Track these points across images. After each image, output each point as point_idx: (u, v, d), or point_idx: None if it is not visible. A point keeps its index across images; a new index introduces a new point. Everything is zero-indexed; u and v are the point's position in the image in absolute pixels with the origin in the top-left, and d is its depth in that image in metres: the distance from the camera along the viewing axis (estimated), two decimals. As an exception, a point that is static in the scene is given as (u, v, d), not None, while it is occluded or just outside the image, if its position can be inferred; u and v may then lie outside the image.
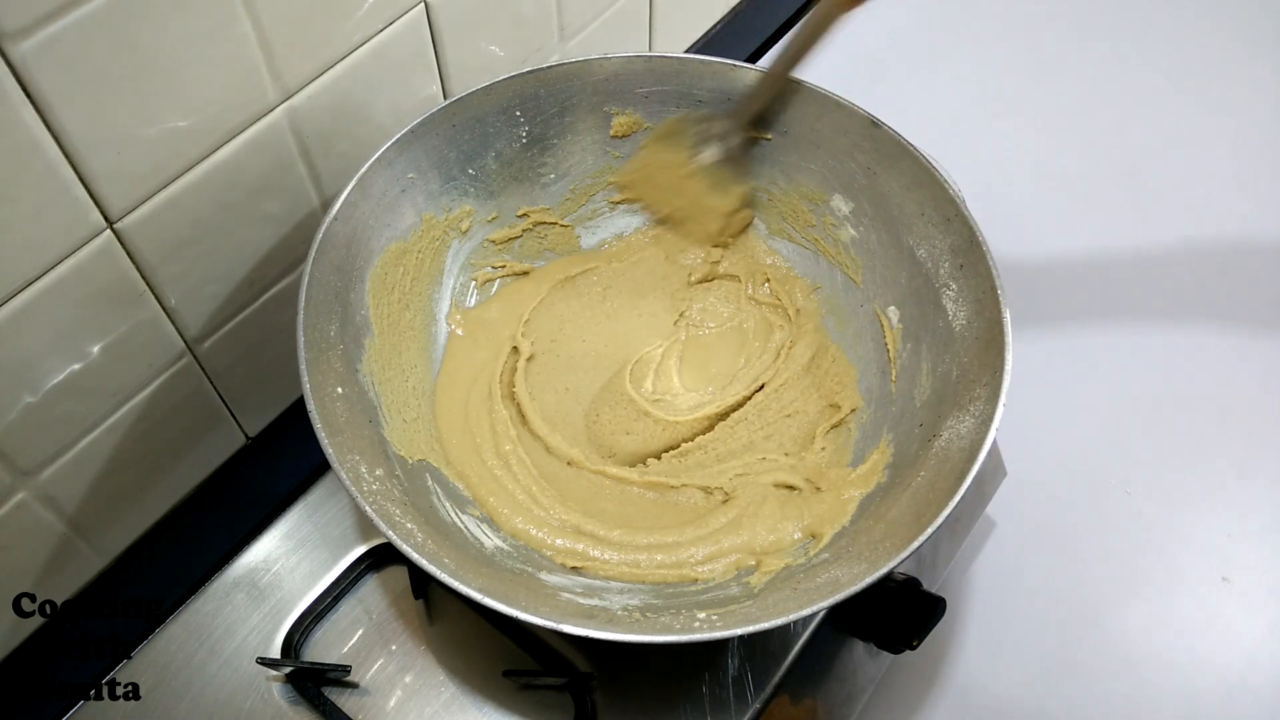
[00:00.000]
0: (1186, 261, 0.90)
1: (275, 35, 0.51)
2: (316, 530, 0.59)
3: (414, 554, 0.45)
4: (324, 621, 0.57)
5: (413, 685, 0.55)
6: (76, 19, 0.42)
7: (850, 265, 0.63)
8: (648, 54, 0.62)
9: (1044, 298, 0.88)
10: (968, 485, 0.47)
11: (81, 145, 0.45)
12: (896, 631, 0.58)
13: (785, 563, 0.54)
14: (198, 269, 0.55)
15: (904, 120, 0.59)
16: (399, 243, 0.59)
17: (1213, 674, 0.70)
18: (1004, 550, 0.75)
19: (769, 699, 0.54)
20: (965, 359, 0.54)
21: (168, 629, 0.56)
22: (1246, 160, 0.97)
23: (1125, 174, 0.97)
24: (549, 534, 0.56)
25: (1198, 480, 0.78)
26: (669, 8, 0.84)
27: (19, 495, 0.53)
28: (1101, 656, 0.71)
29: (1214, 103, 1.02)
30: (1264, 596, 0.73)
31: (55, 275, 0.48)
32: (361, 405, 0.53)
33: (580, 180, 0.66)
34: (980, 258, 0.55)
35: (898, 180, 0.59)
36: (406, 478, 0.53)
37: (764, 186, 0.66)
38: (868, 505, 0.55)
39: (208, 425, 0.63)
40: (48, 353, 0.50)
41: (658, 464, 0.60)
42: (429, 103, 0.64)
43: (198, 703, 0.54)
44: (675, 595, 0.53)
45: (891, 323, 0.61)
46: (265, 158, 0.55)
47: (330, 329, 0.53)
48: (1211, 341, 0.85)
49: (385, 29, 0.58)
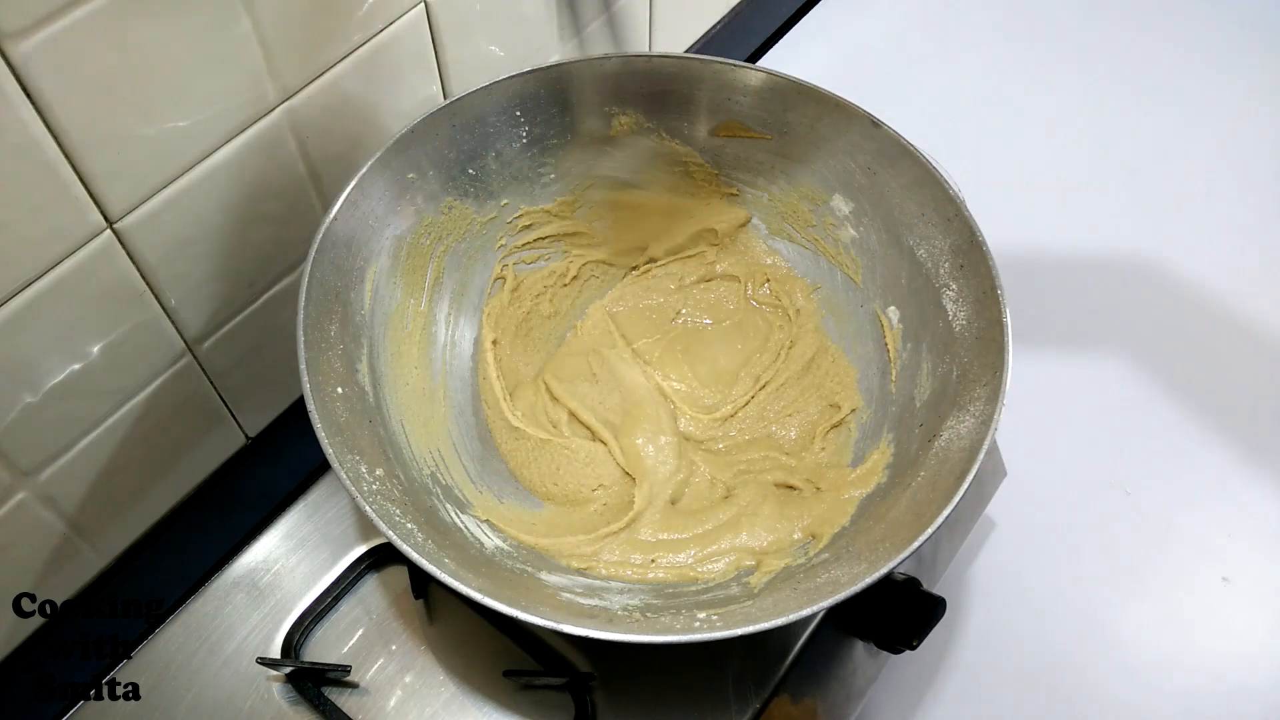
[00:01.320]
0: (1186, 261, 0.90)
1: (275, 35, 0.51)
2: (316, 530, 0.59)
3: (414, 554, 0.45)
4: (324, 621, 0.57)
5: (413, 685, 0.55)
6: (76, 19, 0.42)
7: (850, 265, 0.63)
8: (648, 54, 0.62)
9: (1044, 298, 0.88)
10: (968, 485, 0.47)
11: (81, 145, 0.45)
12: (896, 631, 0.58)
13: (785, 563, 0.54)
14: (198, 269, 0.55)
15: (904, 120, 0.59)
16: (399, 243, 0.59)
17: (1213, 674, 0.70)
18: (1004, 550, 0.75)
19: (769, 699, 0.54)
20: (965, 359, 0.54)
21: (168, 629, 0.56)
22: (1246, 160, 0.97)
23: (1125, 174, 0.97)
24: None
25: (1198, 480, 0.78)
26: (669, 8, 0.84)
27: (19, 495, 0.53)
28: (1101, 656, 0.71)
29: (1213, 103, 1.02)
30: (1264, 596, 0.73)
31: (55, 275, 0.48)
32: (361, 405, 0.53)
33: (580, 180, 0.66)
34: (980, 258, 0.55)
35: (898, 180, 0.59)
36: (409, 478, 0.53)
37: (764, 186, 0.66)
38: (868, 505, 0.55)
39: (208, 425, 0.63)
40: (48, 353, 0.50)
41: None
42: (429, 103, 0.64)
43: (198, 703, 0.54)
44: (675, 595, 0.53)
45: (891, 323, 0.61)
46: (265, 158, 0.55)
47: (330, 329, 0.53)
48: (1211, 341, 0.85)
49: (385, 29, 0.58)
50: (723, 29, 0.95)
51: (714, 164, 0.65)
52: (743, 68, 0.61)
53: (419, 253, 0.61)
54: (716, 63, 0.62)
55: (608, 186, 0.67)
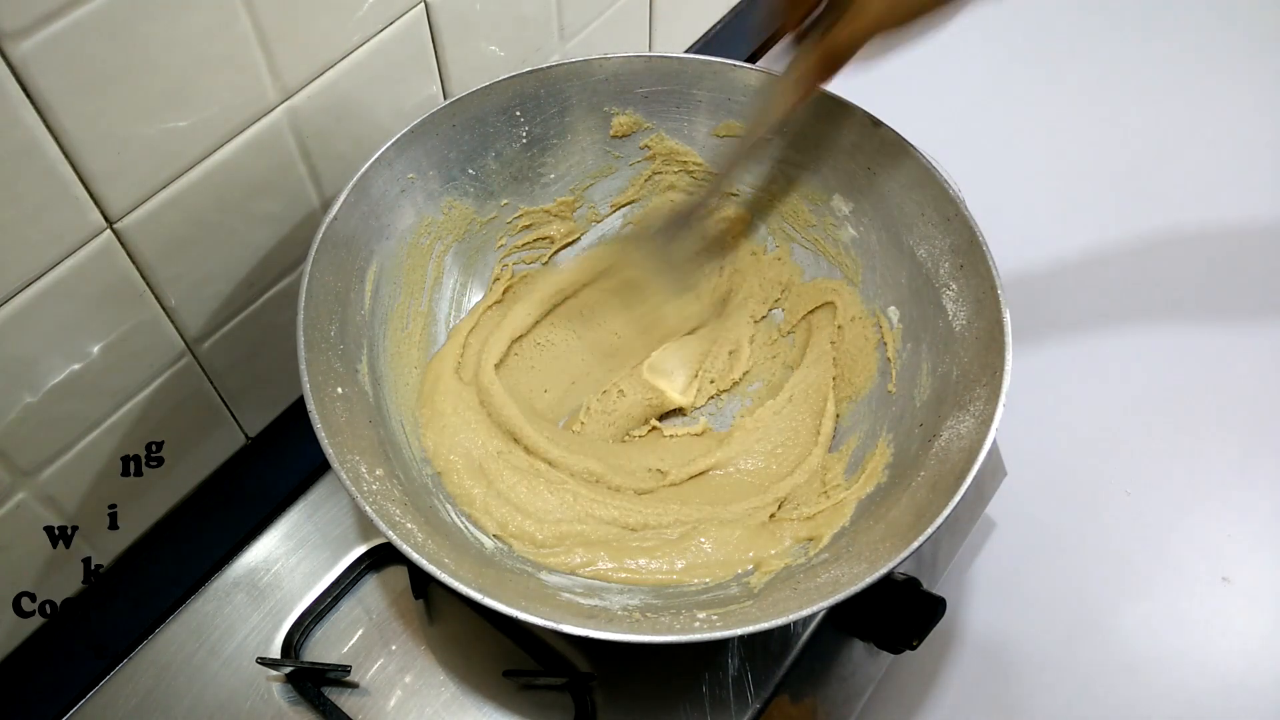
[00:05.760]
0: (1186, 261, 0.90)
1: (275, 35, 0.51)
2: (316, 530, 0.59)
3: (414, 554, 0.45)
4: (324, 621, 0.57)
5: (413, 685, 0.55)
6: (76, 19, 0.42)
7: (850, 265, 0.63)
8: (648, 54, 0.62)
9: (1044, 298, 0.88)
10: (968, 485, 0.47)
11: (81, 145, 0.45)
12: (896, 631, 0.58)
13: (785, 563, 0.54)
14: (198, 269, 0.56)
15: (904, 120, 0.59)
16: (399, 243, 0.59)
17: (1213, 674, 0.70)
18: (1004, 550, 0.75)
19: (769, 699, 0.54)
20: (965, 359, 0.54)
21: (168, 629, 0.56)
22: (1246, 160, 0.97)
23: (1125, 174, 0.97)
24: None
25: (1198, 480, 0.78)
26: (669, 8, 0.84)
27: (19, 495, 0.53)
28: (1101, 657, 0.71)
29: (1214, 102, 1.02)
30: (1264, 596, 0.73)
31: (55, 275, 0.48)
32: (361, 405, 0.53)
33: (580, 180, 0.66)
34: (980, 258, 0.55)
35: (898, 180, 0.59)
36: (409, 478, 0.53)
37: (764, 186, 0.66)
38: (867, 505, 0.55)
39: (208, 425, 0.63)
40: (48, 353, 0.50)
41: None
42: (429, 103, 0.64)
43: (198, 703, 0.54)
44: (675, 595, 0.53)
45: (891, 323, 0.61)
46: (265, 158, 0.55)
47: (330, 329, 0.53)
48: (1211, 341, 0.85)
49: (385, 29, 0.58)
50: (723, 29, 0.95)
51: (714, 164, 0.65)
52: (743, 68, 0.61)
53: (419, 253, 0.61)
54: (716, 63, 0.62)
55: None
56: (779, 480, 0.59)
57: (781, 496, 0.58)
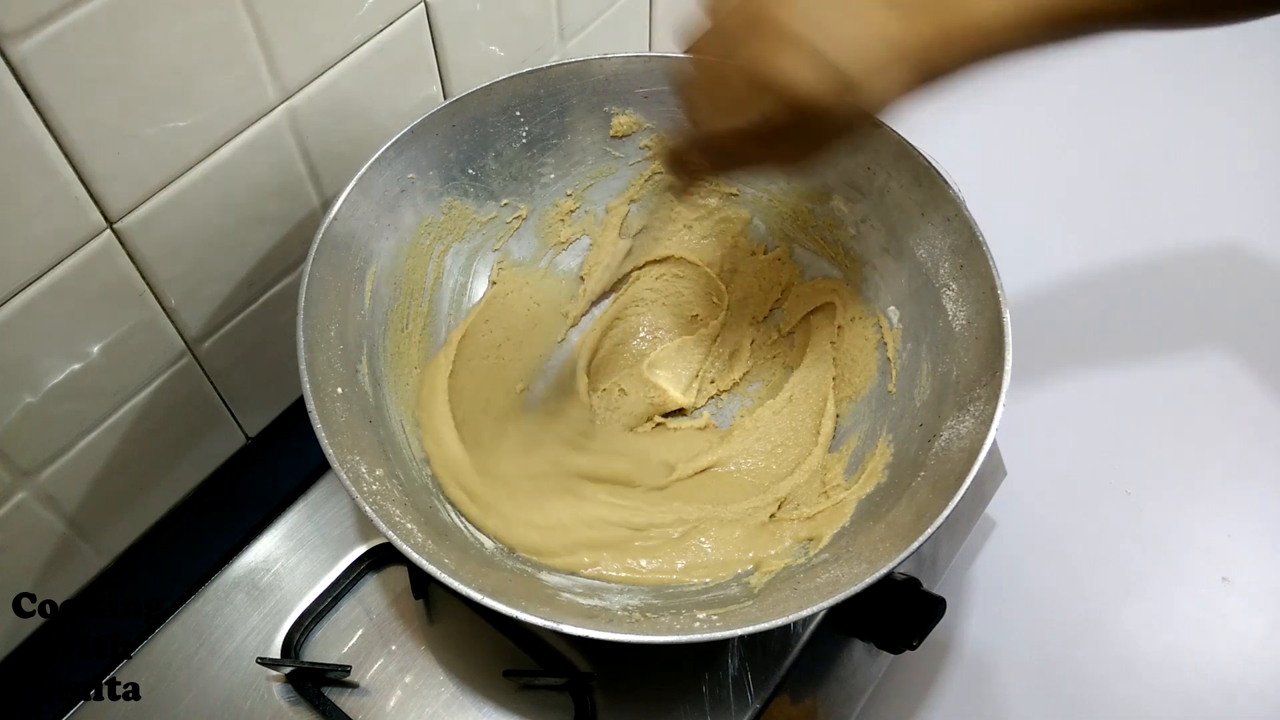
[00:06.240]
0: (1186, 261, 0.90)
1: (275, 35, 0.51)
2: (316, 530, 0.59)
3: (414, 554, 0.45)
4: (324, 621, 0.57)
5: (413, 685, 0.55)
6: (76, 19, 0.42)
7: (850, 265, 0.63)
8: (648, 54, 0.62)
9: (1044, 298, 0.88)
10: (968, 485, 0.47)
11: (81, 145, 0.45)
12: (896, 631, 0.58)
13: (785, 563, 0.54)
14: (198, 269, 0.55)
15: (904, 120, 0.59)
16: (399, 243, 0.59)
17: (1213, 674, 0.70)
18: (1004, 550, 0.75)
19: (769, 699, 0.54)
20: (965, 359, 0.54)
21: (168, 629, 0.56)
22: (1246, 162, 0.97)
23: (1125, 175, 0.97)
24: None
25: (1198, 480, 0.78)
26: (669, 8, 0.83)
27: (19, 495, 0.53)
28: (1101, 656, 0.71)
29: (1214, 104, 1.02)
30: (1264, 596, 0.73)
31: (55, 275, 0.48)
32: (361, 405, 0.53)
33: (580, 181, 0.66)
34: (980, 258, 0.55)
35: (898, 180, 0.59)
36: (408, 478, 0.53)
37: (764, 187, 0.66)
38: (867, 506, 0.55)
39: (208, 425, 0.63)
40: (48, 353, 0.50)
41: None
42: (429, 103, 0.64)
43: (198, 703, 0.54)
44: (675, 595, 0.53)
45: (891, 323, 0.61)
46: (265, 158, 0.55)
47: (330, 329, 0.53)
48: (1211, 341, 0.85)
49: (385, 29, 0.58)
50: (723, 29, 0.95)
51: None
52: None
53: (419, 253, 0.61)
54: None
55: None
56: (779, 480, 0.59)
57: (782, 496, 0.58)
